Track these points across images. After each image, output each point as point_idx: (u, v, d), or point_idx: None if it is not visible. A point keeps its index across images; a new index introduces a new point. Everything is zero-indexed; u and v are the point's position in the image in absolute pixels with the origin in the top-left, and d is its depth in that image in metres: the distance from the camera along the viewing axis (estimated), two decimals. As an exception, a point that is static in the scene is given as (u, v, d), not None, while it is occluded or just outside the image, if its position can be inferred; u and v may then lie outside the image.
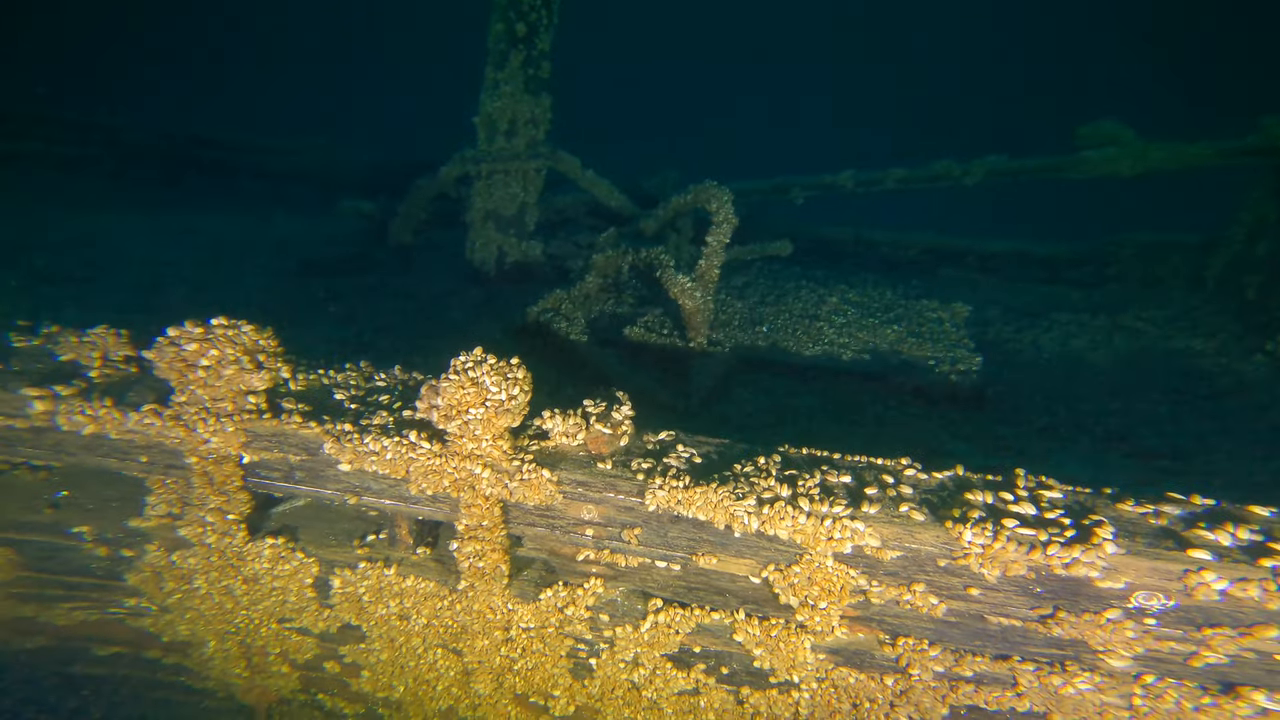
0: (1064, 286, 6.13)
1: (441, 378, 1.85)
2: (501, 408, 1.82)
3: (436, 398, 1.85)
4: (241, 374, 1.86)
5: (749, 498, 1.86)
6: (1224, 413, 3.49)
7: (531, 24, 4.35)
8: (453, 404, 1.83)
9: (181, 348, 1.82)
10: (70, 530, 2.20)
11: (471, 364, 1.84)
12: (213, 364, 1.84)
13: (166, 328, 1.84)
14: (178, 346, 1.82)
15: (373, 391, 2.16)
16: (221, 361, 1.84)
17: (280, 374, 2.00)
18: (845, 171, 5.94)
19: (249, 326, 1.90)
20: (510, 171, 4.51)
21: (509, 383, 1.84)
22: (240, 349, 1.86)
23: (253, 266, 4.74)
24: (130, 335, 2.10)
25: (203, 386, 1.86)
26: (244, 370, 1.86)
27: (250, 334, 1.90)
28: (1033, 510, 1.89)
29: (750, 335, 3.75)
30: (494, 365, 1.85)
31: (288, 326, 3.62)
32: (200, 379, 1.85)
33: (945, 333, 3.95)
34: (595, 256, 3.84)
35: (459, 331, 4.06)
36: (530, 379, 1.92)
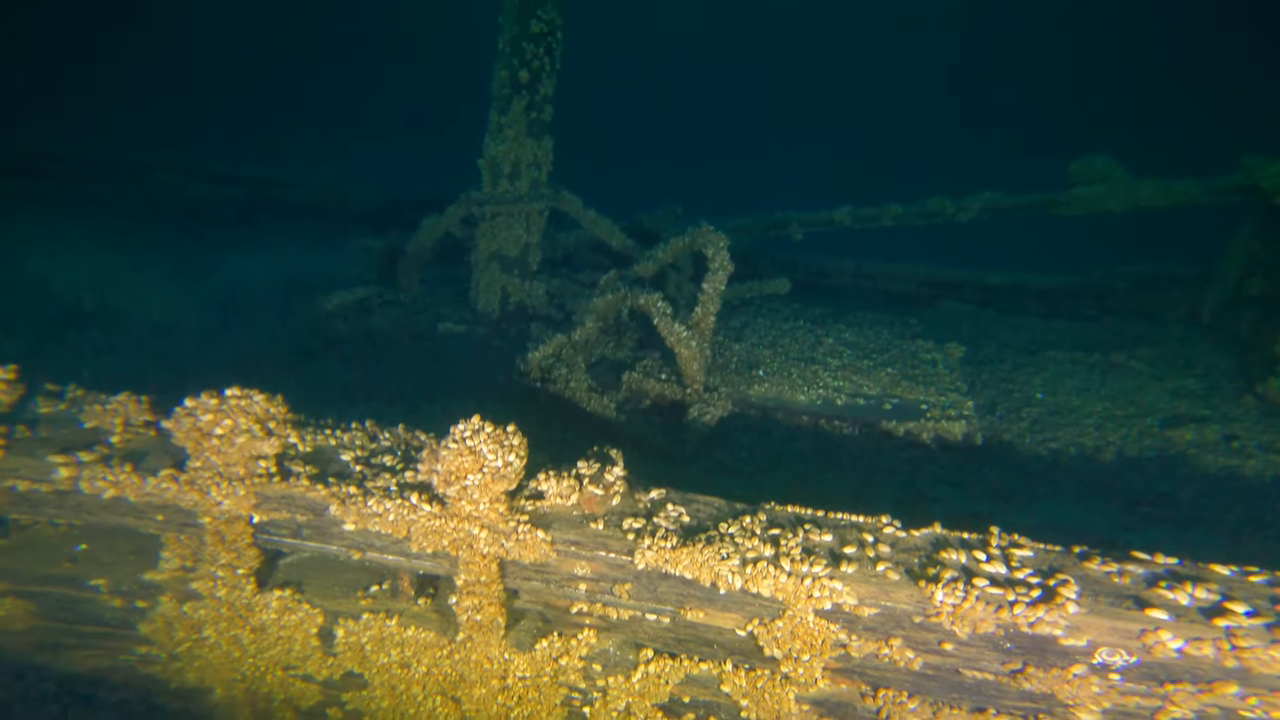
0: (1061, 320, 6.21)
1: (441, 445, 1.97)
2: (498, 474, 1.94)
3: (436, 463, 1.97)
4: (253, 441, 1.99)
5: (733, 558, 1.96)
6: (1207, 461, 3.55)
7: (534, 70, 4.54)
8: (451, 470, 1.95)
9: (198, 418, 1.95)
10: (87, 583, 2.32)
11: (470, 433, 1.96)
12: (226, 433, 1.97)
13: (184, 398, 1.98)
14: (194, 417, 1.96)
15: (377, 452, 2.28)
16: (234, 430, 1.97)
17: (289, 440, 2.12)
18: (843, 207, 6.08)
19: (260, 396, 2.04)
20: (514, 213, 4.68)
21: (505, 450, 1.96)
22: (252, 418, 2.00)
23: (267, 306, 4.91)
24: (150, 402, 2.23)
25: (217, 454, 1.99)
26: (255, 438, 1.99)
27: (262, 403, 2.03)
28: (1003, 569, 1.98)
29: (747, 379, 3.86)
30: (491, 434, 1.97)
31: (298, 372, 3.79)
32: (215, 446, 1.98)
33: (939, 375, 4.04)
34: (595, 300, 3.97)
35: (465, 370, 4.19)
36: (526, 444, 2.04)
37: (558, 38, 4.62)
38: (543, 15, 4.48)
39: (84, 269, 5.30)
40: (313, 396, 3.59)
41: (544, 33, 4.50)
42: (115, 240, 6.20)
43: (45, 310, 4.47)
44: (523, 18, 4.46)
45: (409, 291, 5.17)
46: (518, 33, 4.48)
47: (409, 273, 5.15)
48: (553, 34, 4.57)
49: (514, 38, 4.50)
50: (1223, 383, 4.59)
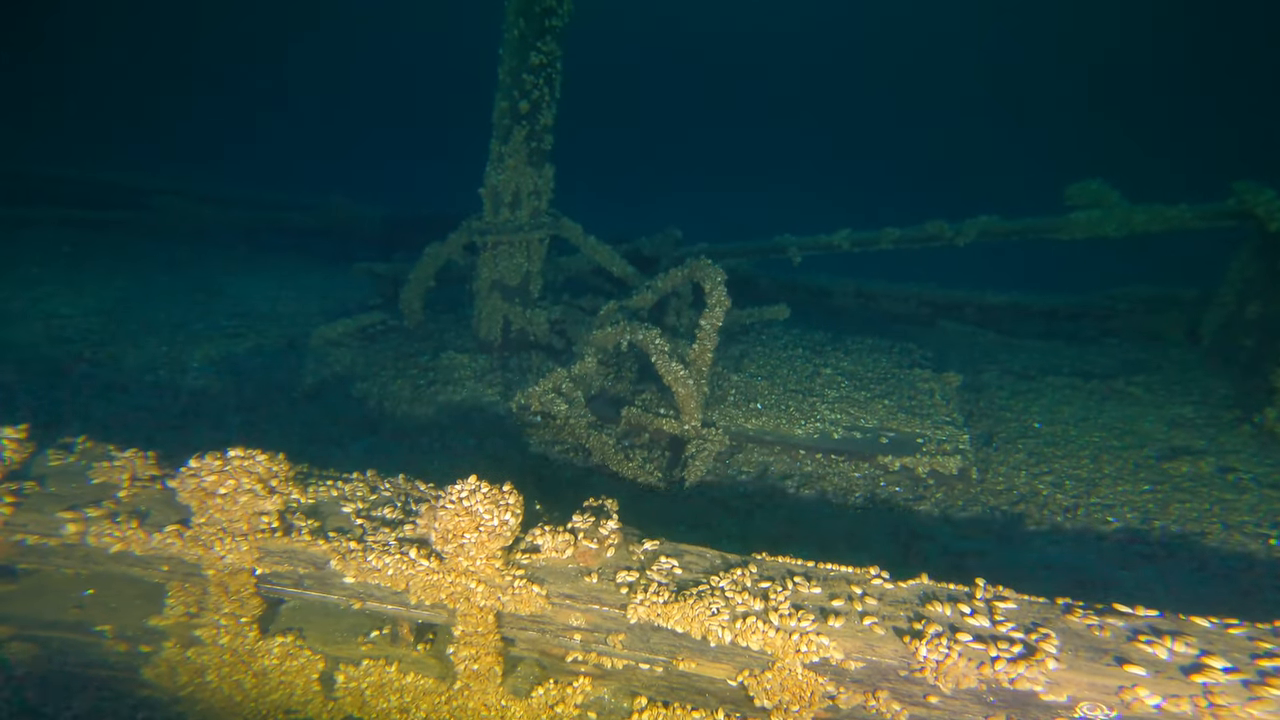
0: (1060, 341, 6.22)
1: (439, 504, 2.03)
2: (494, 533, 2.00)
3: (435, 521, 2.02)
4: (255, 500, 2.05)
5: (723, 613, 2.01)
6: (1205, 494, 3.56)
7: (534, 101, 4.61)
8: (449, 530, 2.00)
9: (201, 478, 2.02)
10: (93, 629, 2.38)
11: (466, 493, 2.02)
12: (230, 492, 2.03)
13: (189, 458, 2.04)
14: (198, 477, 2.02)
15: (378, 503, 2.33)
16: (237, 490, 2.03)
17: (291, 496, 2.18)
18: (841, 231, 6.12)
19: (263, 456, 2.10)
20: (515, 242, 4.74)
21: (501, 509, 2.02)
22: (254, 478, 2.06)
23: (271, 336, 4.98)
24: (157, 457, 2.30)
25: (220, 511, 2.05)
26: (258, 497, 2.05)
27: (264, 463, 2.09)
28: (987, 622, 2.03)
29: (744, 413, 3.90)
30: (487, 494, 2.02)
31: (300, 405, 3.85)
32: (218, 505, 2.04)
33: (936, 406, 4.07)
34: (594, 333, 4.03)
35: (466, 396, 4.25)
36: (521, 502, 2.10)
37: (557, 69, 4.69)
38: (542, 48, 4.55)
39: (92, 298, 5.39)
40: (314, 434, 3.65)
41: (543, 64, 4.57)
42: (120, 268, 6.29)
43: (57, 339, 4.56)
44: (522, 50, 4.53)
45: (413, 319, 5.24)
46: (518, 65, 4.55)
47: (412, 300, 5.21)
48: (552, 65, 4.64)
49: (514, 69, 4.57)
50: (1220, 411, 4.59)
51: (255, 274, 6.58)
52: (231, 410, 3.81)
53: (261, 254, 7.24)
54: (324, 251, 7.30)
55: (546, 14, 4.48)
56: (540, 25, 4.49)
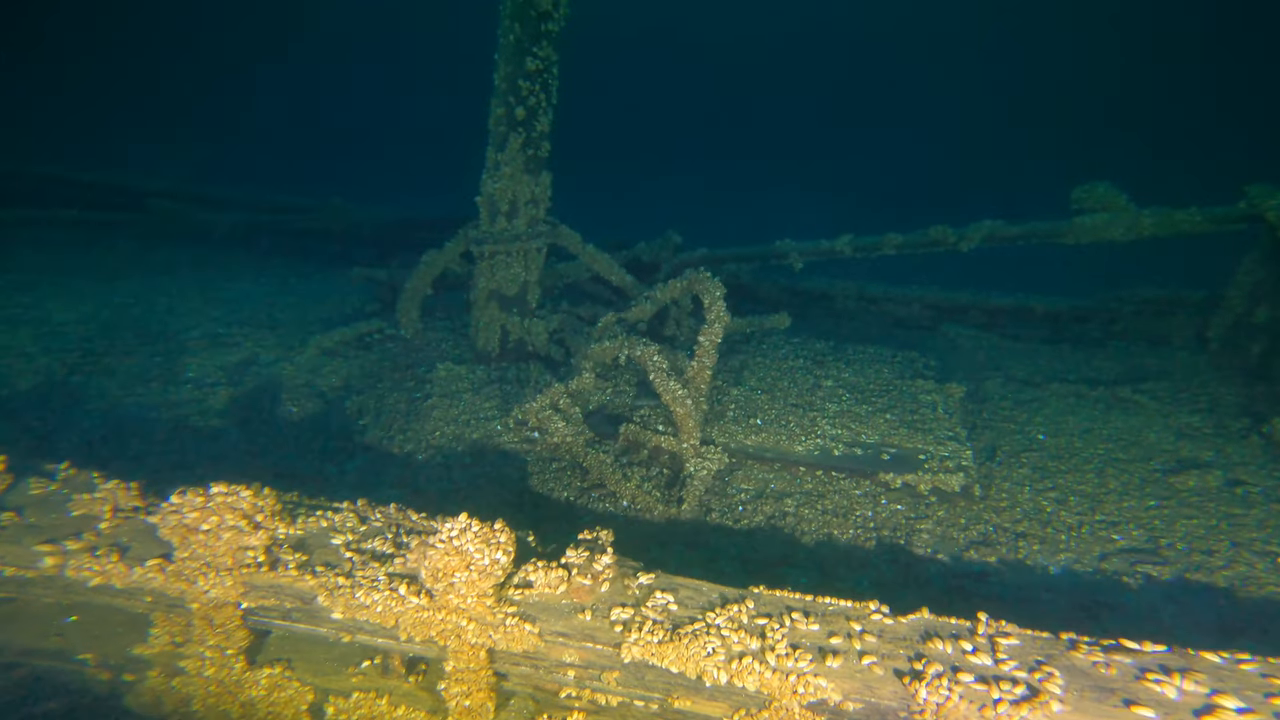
0: (1067, 345, 6.14)
1: (429, 543, 1.98)
2: (485, 572, 1.96)
3: (424, 560, 1.98)
4: (239, 536, 2.01)
5: (719, 653, 1.96)
6: (1213, 509, 3.50)
7: (530, 108, 4.53)
8: (438, 568, 1.96)
9: (183, 515, 1.97)
10: (75, 657, 2.35)
11: (457, 532, 1.97)
12: (213, 528, 1.99)
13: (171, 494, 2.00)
14: (179, 514, 1.98)
15: (368, 534, 2.29)
16: (220, 526, 1.99)
17: (277, 531, 2.14)
18: (843, 237, 6.04)
19: (247, 492, 2.06)
20: (512, 252, 4.67)
21: (492, 548, 1.97)
22: (238, 514, 2.01)
23: (267, 345, 4.93)
24: (140, 488, 2.25)
25: (203, 547, 2.01)
26: (242, 533, 2.01)
27: (249, 499, 2.05)
28: (989, 661, 1.98)
29: (744, 429, 3.84)
30: (478, 532, 1.98)
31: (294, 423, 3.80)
32: (201, 541, 2.00)
33: (938, 420, 4.01)
34: (592, 347, 3.97)
35: (465, 411, 4.20)
36: (514, 539, 2.06)
37: (554, 74, 4.60)
38: (538, 53, 4.47)
39: (87, 304, 5.35)
40: (308, 461, 3.60)
41: (540, 70, 4.49)
42: (117, 271, 6.24)
43: (49, 348, 4.52)
44: (518, 56, 4.45)
45: (410, 328, 5.18)
46: (513, 70, 4.47)
47: (409, 309, 5.16)
48: (549, 71, 4.56)
49: (509, 75, 4.49)
50: (1229, 420, 4.52)
51: (253, 278, 6.53)
52: (225, 426, 3.77)
53: (261, 257, 7.19)
54: (323, 254, 7.25)
55: (542, 19, 4.40)
56: (536, 30, 4.40)
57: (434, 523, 2.39)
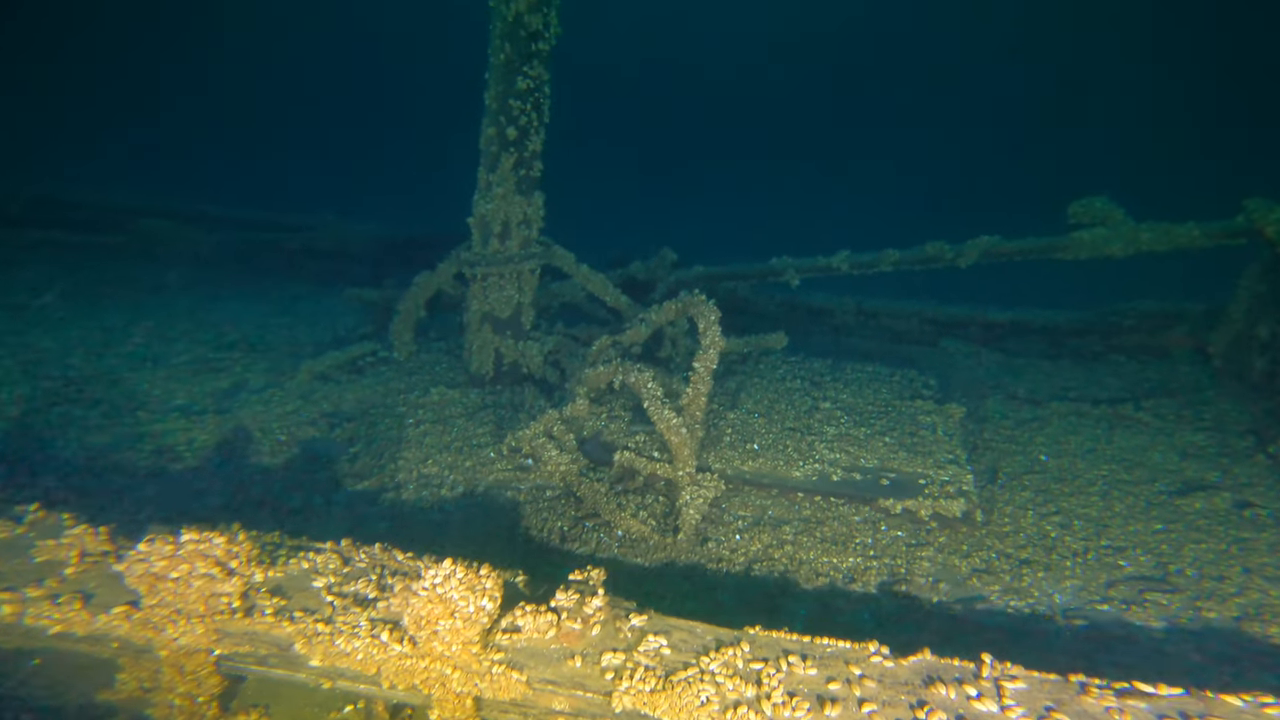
0: (1067, 360, 6.09)
1: (412, 589, 1.91)
2: (470, 619, 1.88)
3: (408, 606, 1.91)
4: (212, 583, 1.93)
5: (713, 702, 1.89)
6: (1222, 533, 3.42)
7: (522, 128, 4.50)
8: (422, 616, 1.89)
9: (151, 564, 1.90)
10: (38, 704, 2.27)
11: (441, 579, 1.90)
12: (183, 576, 1.92)
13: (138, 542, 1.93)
14: (147, 562, 1.91)
15: (351, 576, 2.21)
16: (191, 574, 1.92)
17: (253, 577, 2.07)
18: (840, 253, 6.00)
19: (220, 539, 1.99)
20: (505, 274, 4.63)
21: (478, 594, 1.90)
22: (210, 561, 1.94)
23: (257, 370, 4.87)
24: (109, 532, 2.18)
25: (172, 595, 1.94)
26: (214, 580, 1.93)
27: (222, 545, 1.98)
28: (995, 707, 1.90)
29: (741, 454, 3.78)
30: (463, 579, 1.91)
31: (286, 448, 3.73)
32: (170, 589, 1.92)
33: (938, 442, 3.94)
34: (586, 373, 3.91)
35: (459, 437, 4.14)
36: (501, 584, 1.98)
37: (545, 93, 4.58)
38: (529, 72, 4.45)
39: (75, 329, 5.29)
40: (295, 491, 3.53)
41: (531, 89, 4.47)
42: (103, 294, 6.18)
43: (33, 375, 4.45)
44: (509, 75, 4.43)
45: (403, 350, 5.13)
46: (504, 89, 4.45)
47: (402, 332, 5.11)
48: (540, 89, 4.54)
49: (500, 94, 4.47)
50: (1234, 438, 4.45)
51: (245, 299, 6.47)
52: (211, 456, 3.69)
53: (254, 277, 7.13)
54: (317, 273, 7.19)
55: (533, 38, 4.38)
56: (527, 49, 4.39)
57: (420, 563, 2.31)
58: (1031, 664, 2.59)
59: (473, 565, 2.04)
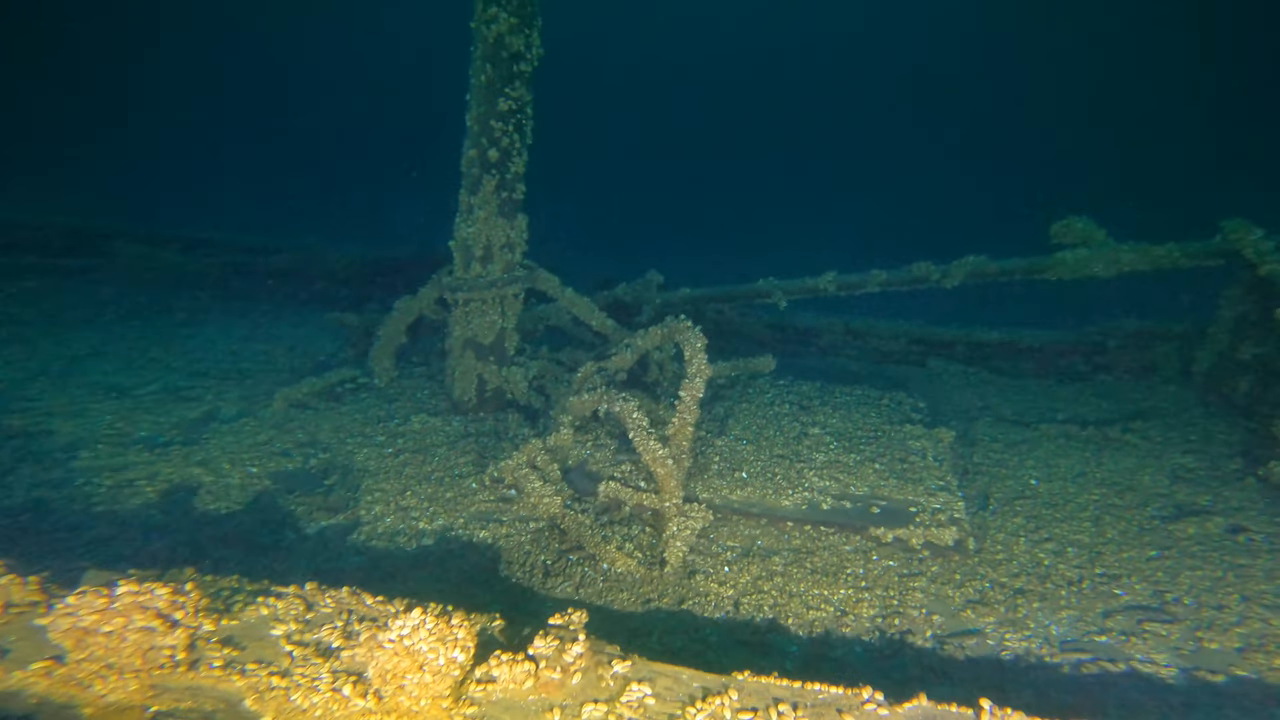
0: (1053, 380, 6.09)
1: (379, 639, 1.79)
2: (440, 673, 1.76)
3: (372, 659, 1.79)
4: (150, 636, 1.79)
5: (700, 760, 1.77)
6: (1217, 559, 3.37)
7: (504, 149, 4.45)
8: (387, 669, 1.76)
9: (79, 618, 1.77)
10: None
11: (409, 630, 1.78)
12: (117, 629, 1.78)
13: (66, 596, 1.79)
14: (74, 616, 1.77)
15: (315, 623, 2.08)
16: (127, 627, 1.78)
17: (200, 628, 1.93)
18: (827, 274, 5.99)
19: (164, 590, 1.85)
20: (488, 299, 4.55)
21: (449, 645, 1.78)
22: (150, 614, 1.81)
23: (230, 398, 4.71)
24: (40, 581, 2.03)
25: (103, 649, 1.79)
26: (154, 633, 1.79)
27: (165, 596, 1.84)
28: (1000, 763, 1.80)
29: (729, 483, 3.68)
30: (433, 629, 1.79)
31: (256, 480, 3.58)
32: (101, 643, 1.78)
33: (928, 468, 3.87)
34: (570, 400, 3.82)
35: (439, 468, 4.01)
36: (475, 633, 1.87)
37: (528, 114, 4.55)
38: (511, 93, 4.41)
39: (39, 358, 5.11)
40: (263, 527, 3.37)
41: (513, 110, 4.43)
42: (73, 321, 6.00)
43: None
44: (490, 96, 4.39)
45: (384, 376, 5.01)
46: (486, 111, 4.41)
47: (382, 358, 4.99)
48: (522, 111, 4.50)
49: (482, 116, 4.43)
50: (1222, 461, 4.44)
51: (220, 324, 6.31)
52: (175, 491, 3.52)
53: (231, 301, 6.98)
54: (297, 297, 7.05)
55: (515, 59, 4.36)
56: (509, 70, 4.36)
57: (391, 607, 2.19)
58: (1031, 702, 2.50)
59: (445, 614, 1.93)
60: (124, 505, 3.34)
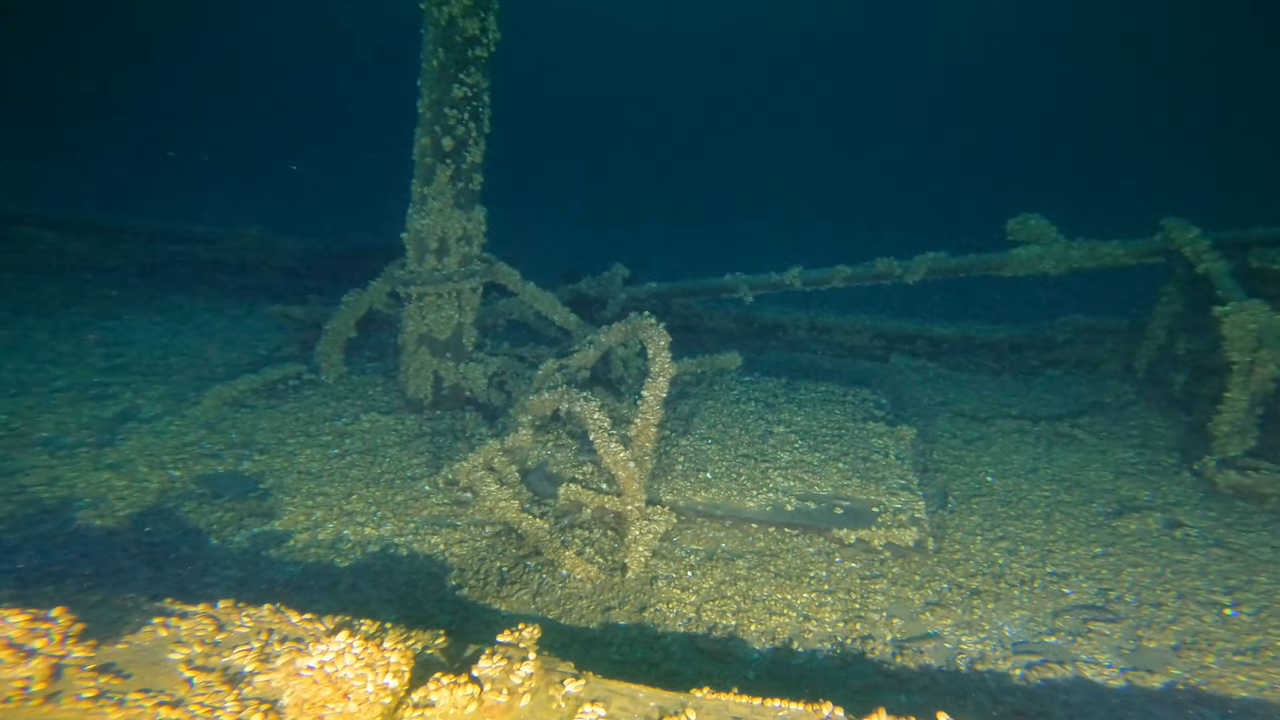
0: (1008, 375, 6.26)
1: (297, 664, 1.65)
2: (369, 701, 1.63)
3: (288, 687, 1.65)
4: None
5: (660, 790, 1.71)
6: (1156, 555, 3.50)
7: (459, 138, 4.24)
8: (305, 699, 1.62)
9: None
10: None
11: (332, 656, 1.65)
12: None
13: None
14: None
15: (225, 646, 1.91)
16: None
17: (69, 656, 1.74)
18: (793, 269, 5.99)
19: (19, 616, 1.66)
20: (443, 293, 4.35)
21: (379, 671, 1.66)
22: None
23: (152, 396, 4.38)
24: None
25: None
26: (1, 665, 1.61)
27: (20, 624, 1.65)
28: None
29: (694, 484, 3.63)
30: (360, 654, 1.66)
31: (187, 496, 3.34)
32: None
33: (890, 467, 3.91)
34: (530, 399, 3.69)
35: (390, 469, 3.83)
36: (410, 655, 1.74)
37: (485, 101, 4.34)
38: (466, 79, 4.19)
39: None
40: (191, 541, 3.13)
41: (469, 98, 4.21)
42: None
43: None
44: (443, 83, 4.16)
45: (331, 373, 4.76)
46: (439, 98, 4.18)
47: (329, 353, 4.74)
48: (479, 98, 4.29)
49: (435, 103, 4.19)
50: (1161, 455, 4.63)
51: (146, 318, 5.84)
52: (76, 497, 3.23)
53: (160, 293, 6.49)
54: (236, 289, 6.63)
55: (470, 43, 4.13)
56: (463, 55, 4.13)
57: (321, 624, 2.04)
58: (985, 705, 2.54)
59: (377, 634, 1.80)
60: (14, 518, 3.05)
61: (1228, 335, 4.18)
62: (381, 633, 1.85)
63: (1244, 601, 3.14)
